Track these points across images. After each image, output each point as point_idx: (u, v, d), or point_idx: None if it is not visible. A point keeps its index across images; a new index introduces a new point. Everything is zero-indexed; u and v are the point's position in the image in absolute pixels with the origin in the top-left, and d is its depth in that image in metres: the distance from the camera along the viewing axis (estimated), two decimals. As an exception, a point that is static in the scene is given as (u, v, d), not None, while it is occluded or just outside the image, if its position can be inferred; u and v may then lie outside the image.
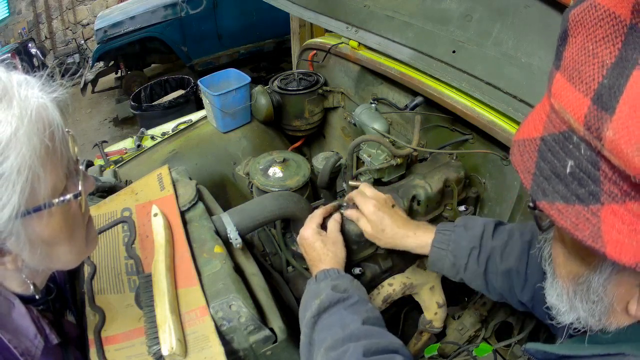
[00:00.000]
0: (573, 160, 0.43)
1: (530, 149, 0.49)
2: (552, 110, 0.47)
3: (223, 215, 1.21)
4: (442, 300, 1.46)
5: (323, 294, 0.95)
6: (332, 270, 1.03)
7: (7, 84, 0.58)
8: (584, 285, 0.55)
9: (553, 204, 0.45)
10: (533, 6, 1.25)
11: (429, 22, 1.54)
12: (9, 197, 0.56)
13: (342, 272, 1.04)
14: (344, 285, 0.98)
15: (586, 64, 0.42)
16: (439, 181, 1.37)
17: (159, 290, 0.96)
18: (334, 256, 1.08)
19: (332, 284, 0.98)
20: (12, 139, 0.55)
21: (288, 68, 5.50)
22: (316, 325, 0.92)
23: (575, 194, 0.43)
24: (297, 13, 2.11)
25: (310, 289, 1.01)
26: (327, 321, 0.91)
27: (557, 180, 0.45)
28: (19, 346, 0.69)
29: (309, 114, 2.10)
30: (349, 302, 0.94)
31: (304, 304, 0.99)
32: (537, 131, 0.49)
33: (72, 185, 0.66)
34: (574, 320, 0.60)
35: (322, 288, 0.97)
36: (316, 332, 0.92)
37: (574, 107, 0.42)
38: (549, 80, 0.48)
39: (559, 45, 0.48)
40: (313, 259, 1.09)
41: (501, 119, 1.31)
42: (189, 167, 1.91)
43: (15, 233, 0.60)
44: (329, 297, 0.94)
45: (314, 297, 0.96)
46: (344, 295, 0.95)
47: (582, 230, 0.42)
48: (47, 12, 7.85)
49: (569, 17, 0.46)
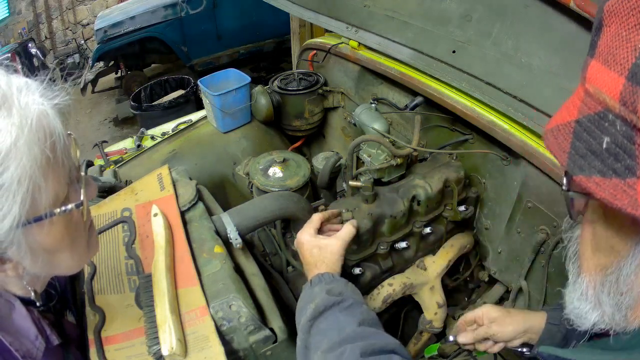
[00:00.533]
0: (609, 137, 0.45)
1: (565, 132, 0.51)
2: (587, 94, 0.49)
3: (223, 215, 1.21)
4: (442, 300, 1.46)
5: (318, 298, 0.95)
6: (326, 274, 1.03)
7: (6, 91, 0.57)
8: (613, 276, 0.56)
9: (590, 178, 0.46)
10: (533, 6, 1.25)
11: (428, 22, 1.54)
12: (9, 208, 0.55)
13: (336, 275, 1.04)
14: (339, 289, 0.98)
15: (620, 48, 0.45)
16: (439, 181, 1.37)
17: (159, 290, 0.96)
18: (330, 263, 1.08)
19: (327, 287, 0.98)
20: (12, 149, 0.54)
21: (288, 68, 5.49)
22: (312, 329, 0.92)
23: (612, 169, 0.45)
24: (297, 13, 2.11)
25: (305, 294, 1.01)
26: (322, 325, 0.91)
27: (593, 157, 0.47)
28: (20, 348, 0.69)
29: (309, 114, 2.10)
30: (343, 305, 0.94)
31: (299, 309, 0.99)
32: (571, 115, 0.51)
33: (74, 193, 0.65)
34: (598, 320, 0.60)
35: (317, 292, 0.97)
36: (312, 336, 0.91)
37: (609, 86, 0.45)
38: (582, 70, 0.51)
39: (594, 36, 0.51)
40: (309, 263, 1.09)
41: (501, 119, 1.31)
42: (189, 167, 1.91)
43: (16, 242, 0.59)
44: (324, 301, 0.94)
45: (308, 302, 0.96)
46: (339, 298, 0.95)
47: (620, 200, 0.44)
48: (47, 12, 7.85)
49: (603, 8, 0.49)
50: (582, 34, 1.13)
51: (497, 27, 1.34)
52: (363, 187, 1.31)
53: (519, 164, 1.34)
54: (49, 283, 0.81)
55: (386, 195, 1.34)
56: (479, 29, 1.39)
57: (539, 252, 1.36)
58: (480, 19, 1.39)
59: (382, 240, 1.33)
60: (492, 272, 1.59)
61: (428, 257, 1.47)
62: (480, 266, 1.64)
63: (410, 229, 1.37)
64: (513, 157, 1.36)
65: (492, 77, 1.32)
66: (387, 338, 0.88)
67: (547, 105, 1.19)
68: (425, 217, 1.39)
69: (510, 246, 1.47)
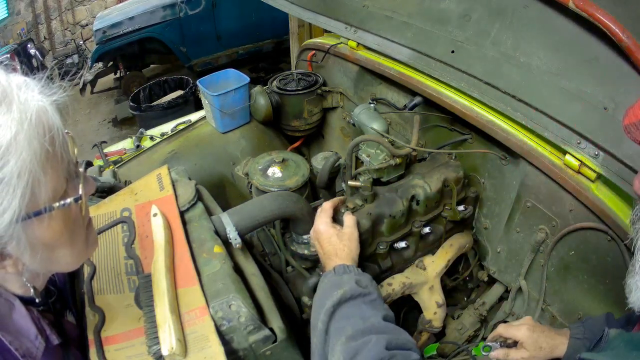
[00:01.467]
0: None
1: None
2: None
3: (222, 215, 1.21)
4: (441, 300, 1.46)
5: (347, 285, 0.98)
6: (352, 266, 1.06)
7: (6, 87, 0.57)
8: None
9: None
10: (532, 6, 1.25)
11: (427, 22, 1.55)
12: (9, 202, 0.55)
13: (361, 270, 1.08)
14: (365, 282, 1.02)
15: None
16: (438, 181, 1.37)
17: (158, 290, 0.96)
18: (350, 252, 1.11)
19: (356, 278, 1.02)
20: (12, 143, 0.54)
21: (287, 68, 5.49)
22: (334, 314, 0.95)
23: None
24: (296, 13, 2.11)
25: (329, 280, 1.03)
26: (346, 311, 0.95)
27: None
28: (20, 348, 0.69)
29: (307, 114, 2.10)
30: (369, 298, 0.98)
31: (321, 294, 1.02)
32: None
33: (73, 189, 0.65)
34: None
35: (346, 280, 1.00)
36: (334, 320, 0.94)
37: None
38: None
39: None
40: (329, 252, 1.11)
41: (500, 119, 1.31)
42: (188, 167, 1.91)
43: (16, 237, 0.59)
44: (352, 290, 0.97)
45: (336, 287, 0.98)
46: (365, 290, 0.98)
47: None
48: (46, 12, 7.84)
49: None
50: (581, 34, 1.13)
51: (496, 27, 1.34)
52: (362, 187, 1.31)
53: (518, 163, 1.34)
54: (49, 279, 0.81)
55: (385, 195, 1.34)
56: (478, 29, 1.39)
57: (538, 252, 1.36)
58: (479, 19, 1.39)
59: (381, 240, 1.34)
60: (492, 271, 1.59)
61: (427, 257, 1.47)
62: (479, 266, 1.65)
63: (409, 228, 1.37)
64: (512, 156, 1.36)
65: (491, 76, 1.32)
66: (407, 336, 0.92)
67: (546, 104, 1.19)
68: (424, 217, 1.39)
69: (509, 246, 1.48)
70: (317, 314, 0.98)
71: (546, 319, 1.39)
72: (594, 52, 1.11)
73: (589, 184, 1.14)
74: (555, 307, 1.36)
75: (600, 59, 1.11)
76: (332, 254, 1.11)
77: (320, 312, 0.97)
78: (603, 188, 1.13)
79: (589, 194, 1.13)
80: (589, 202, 1.13)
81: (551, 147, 1.22)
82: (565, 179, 1.17)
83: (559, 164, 1.19)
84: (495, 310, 1.61)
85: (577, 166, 1.14)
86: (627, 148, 1.03)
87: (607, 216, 1.09)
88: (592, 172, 1.11)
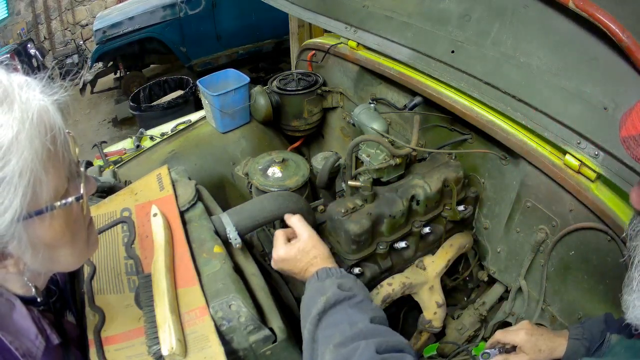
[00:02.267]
0: None
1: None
2: None
3: (222, 215, 1.21)
4: (441, 299, 1.46)
5: (329, 291, 0.94)
6: (333, 269, 1.02)
7: (7, 87, 0.58)
8: None
9: None
10: (532, 6, 1.25)
11: (427, 22, 1.55)
12: (10, 201, 0.55)
13: (344, 271, 1.04)
14: (349, 284, 0.98)
15: None
16: (438, 181, 1.37)
17: (158, 290, 0.96)
18: (321, 253, 1.07)
19: (338, 282, 0.97)
20: (13, 142, 0.54)
21: (287, 68, 5.49)
22: (320, 322, 0.91)
23: None
24: (296, 13, 2.11)
25: (312, 287, 1.00)
26: (332, 318, 0.91)
27: None
28: (20, 347, 0.69)
29: (307, 114, 2.10)
30: (354, 301, 0.93)
31: (306, 302, 0.98)
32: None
33: (74, 188, 0.66)
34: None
35: (328, 286, 0.96)
36: (320, 329, 0.91)
37: None
38: None
39: None
40: (302, 269, 1.07)
41: (500, 119, 1.31)
42: (188, 167, 1.91)
43: (17, 236, 0.59)
44: (335, 295, 0.93)
45: (318, 295, 0.94)
46: (350, 293, 0.94)
47: None
48: (46, 12, 7.85)
49: None
50: (581, 34, 1.13)
51: (496, 27, 1.34)
52: (362, 187, 1.31)
53: (518, 163, 1.34)
54: (50, 279, 0.82)
55: (385, 195, 1.34)
56: (478, 29, 1.39)
57: (538, 252, 1.36)
58: (479, 19, 1.39)
59: (381, 240, 1.34)
60: (492, 271, 1.59)
61: (427, 257, 1.47)
62: (479, 266, 1.65)
63: (409, 228, 1.37)
64: (512, 156, 1.36)
65: (491, 76, 1.32)
66: (398, 336, 0.88)
67: (546, 104, 1.19)
68: (424, 217, 1.39)
69: (509, 246, 1.48)
70: (304, 322, 0.95)
71: (546, 319, 1.39)
72: (594, 52, 1.12)
73: (589, 184, 1.14)
74: (555, 307, 1.36)
75: (600, 59, 1.11)
76: (304, 269, 1.06)
77: (306, 320, 0.94)
78: (603, 188, 1.13)
79: (589, 194, 1.13)
80: (589, 202, 1.13)
81: (551, 147, 1.22)
82: (565, 179, 1.17)
83: (559, 164, 1.19)
84: (495, 310, 1.61)
85: (577, 166, 1.14)
86: (627, 148, 1.03)
87: (607, 216, 1.09)
88: (592, 172, 1.11)
